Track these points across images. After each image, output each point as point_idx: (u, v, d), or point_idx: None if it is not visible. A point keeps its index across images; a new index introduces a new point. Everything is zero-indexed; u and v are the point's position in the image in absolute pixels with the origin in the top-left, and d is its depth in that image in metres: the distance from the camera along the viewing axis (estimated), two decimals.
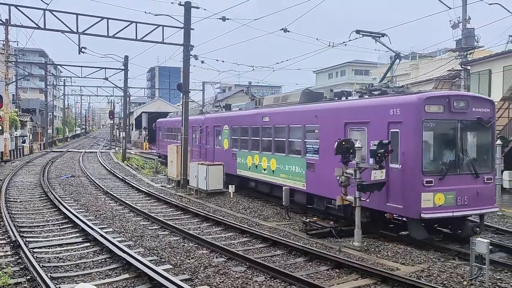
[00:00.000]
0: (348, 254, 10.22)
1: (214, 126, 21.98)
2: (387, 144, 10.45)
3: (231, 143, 19.80)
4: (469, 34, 25.33)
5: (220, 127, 21.18)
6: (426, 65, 36.76)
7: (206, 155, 22.81)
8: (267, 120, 16.75)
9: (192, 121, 23.95)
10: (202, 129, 23.49)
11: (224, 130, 20.54)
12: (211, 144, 22.11)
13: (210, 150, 22.39)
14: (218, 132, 21.34)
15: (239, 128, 19.01)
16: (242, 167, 18.73)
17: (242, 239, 11.68)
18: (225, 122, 20.61)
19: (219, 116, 22.12)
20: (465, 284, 8.15)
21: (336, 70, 68.29)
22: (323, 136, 13.58)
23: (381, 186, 10.66)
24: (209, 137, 22.59)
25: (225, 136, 20.42)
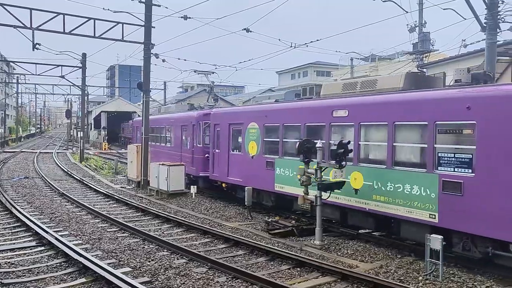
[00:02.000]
0: (309, 252, 10.33)
1: (229, 125, 16.41)
2: (347, 144, 10.63)
3: (262, 148, 14.43)
4: (425, 38, 26.26)
5: (241, 126, 15.70)
6: (385, 67, 37.86)
7: (216, 162, 17.28)
8: (342, 115, 11.59)
9: (178, 118, 21.60)
10: (196, 128, 19.37)
11: (250, 130, 15.13)
12: (224, 148, 16.56)
13: (221, 157, 16.86)
14: (237, 133, 15.96)
15: (282, 126, 13.61)
16: (286, 181, 13.25)
17: (203, 240, 11.57)
18: (252, 118, 15.10)
19: (240, 111, 16.67)
20: (420, 279, 8.42)
21: (299, 71, 69.12)
22: (487, 140, 8.51)
23: (341, 186, 10.84)
24: (220, 139, 17.03)
25: (251, 138, 15.02)
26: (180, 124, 21.17)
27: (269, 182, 13.96)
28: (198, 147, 19.18)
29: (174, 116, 22.51)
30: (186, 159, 20.07)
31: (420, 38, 26.17)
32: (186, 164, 19.43)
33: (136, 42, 21.29)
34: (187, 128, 20.27)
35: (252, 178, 14.76)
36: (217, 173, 17.19)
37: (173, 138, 22.36)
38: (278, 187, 13.69)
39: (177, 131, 21.60)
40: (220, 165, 16.88)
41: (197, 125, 19.27)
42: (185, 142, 20.69)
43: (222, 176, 16.84)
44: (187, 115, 20.89)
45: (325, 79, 56.74)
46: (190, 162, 19.58)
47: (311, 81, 61.29)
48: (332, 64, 56.15)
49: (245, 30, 19.73)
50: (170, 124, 22.89)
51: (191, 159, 19.64)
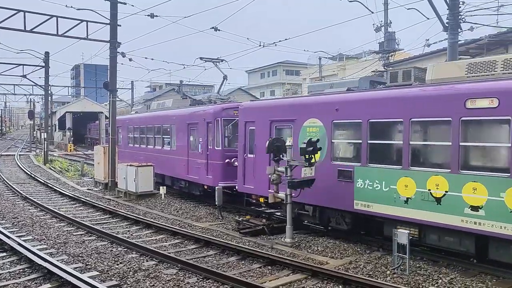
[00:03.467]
0: (280, 250, 10.37)
1: (271, 122, 12.58)
2: (316, 142, 10.72)
3: (330, 152, 10.94)
4: (390, 37, 26.92)
5: (290, 124, 11.96)
6: (352, 66, 38.51)
7: (249, 171, 13.40)
8: (487, 105, 8.17)
9: (184, 115, 17.76)
10: (213, 127, 15.39)
11: (308, 129, 11.46)
12: (263, 152, 12.02)
13: (257, 163, 12.92)
14: (284, 132, 12.25)
15: (366, 123, 10.07)
16: (375, 197, 9.85)
17: (173, 241, 11.41)
18: (311, 113, 11.42)
19: (290, 104, 12.50)
20: (388, 274, 8.59)
21: (268, 70, 69.33)
22: None
23: (311, 183, 10.92)
24: (255, 141, 13.14)
25: (321, 140, 10.90)
26: (186, 122, 17.26)
27: (343, 197, 10.42)
28: (215, 150, 15.30)
29: (176, 113, 18.66)
30: (195, 166, 16.35)
31: (385, 37, 26.81)
32: (195, 171, 16.18)
33: (102, 40, 20.78)
34: (198, 127, 16.33)
35: (312, 191, 10.76)
36: (252, 185, 13.11)
37: (173, 139, 18.59)
38: (361, 205, 10.10)
39: (180, 131, 17.75)
40: (257, 174, 12.80)
41: (214, 123, 15.32)
42: (193, 144, 16.83)
43: (259, 188, 12.72)
44: (197, 110, 16.90)
45: (294, 78, 57.25)
46: (202, 169, 15.75)
47: (280, 80, 61.74)
48: (301, 63, 56.66)
49: (213, 29, 19.60)
50: (169, 122, 18.97)
51: (204, 166, 15.67)
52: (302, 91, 47.75)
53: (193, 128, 16.95)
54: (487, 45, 19.65)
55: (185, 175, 17.33)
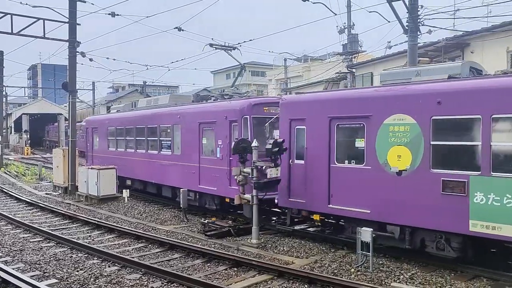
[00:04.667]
0: (246, 252, 10.32)
1: (330, 119, 10.17)
2: (282, 142, 10.75)
3: (429, 157, 8.53)
4: (353, 39, 27.44)
5: (362, 121, 9.65)
6: (317, 67, 39.04)
7: (298, 180, 10.89)
8: None
9: (195, 113, 14.70)
10: (240, 127, 12.54)
11: (391, 128, 9.09)
12: (318, 157, 10.35)
13: (310, 171, 10.62)
14: (351, 132, 10.09)
15: (489, 120, 7.88)
16: (505, 217, 7.67)
17: (137, 245, 11.13)
18: (396, 107, 9.08)
19: (361, 96, 10.16)
20: (352, 271, 8.71)
21: (234, 70, 69.19)
22: None
23: (277, 183, 10.93)
24: (308, 144, 10.72)
25: (394, 141, 9.04)
26: (197, 122, 14.18)
27: (450, 216, 8.25)
28: None
29: (182, 111, 15.41)
30: (211, 174, 13.42)
31: (349, 39, 27.30)
32: (211, 181, 13.28)
33: (60, 39, 20.03)
34: (216, 128, 13.33)
35: (399, 207, 8.89)
36: (302, 198, 10.69)
37: (176, 142, 15.45)
38: (482, 227, 7.87)
39: (188, 132, 14.63)
40: (310, 185, 10.52)
41: (241, 122, 12.40)
42: (207, 148, 13.93)
43: (315, 203, 10.43)
44: (215, 107, 14.02)
45: (259, 79, 57.44)
46: (222, 178, 12.81)
47: (246, 81, 61.77)
48: (266, 64, 56.94)
49: (177, 29, 19.32)
50: (169, 122, 15.88)
51: (226, 175, 12.64)
52: (268, 92, 47.91)
53: (208, 129, 13.86)
54: (444, 48, 20.39)
55: (195, 186, 14.03)
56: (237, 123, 12.60)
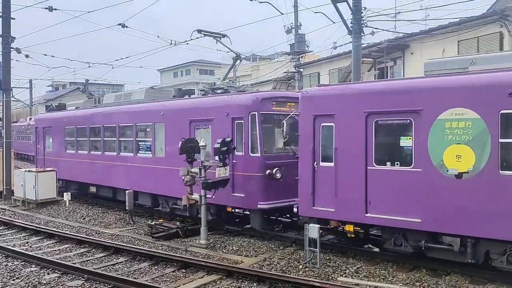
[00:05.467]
0: (195, 252, 10.16)
1: (367, 115, 8.83)
2: (230, 141, 10.67)
3: (497, 158, 7.49)
4: (300, 39, 27.89)
5: (408, 117, 8.42)
6: (265, 66, 39.30)
7: (326, 185, 9.38)
8: None
9: (185, 109, 12.84)
10: (246, 125, 10.94)
11: (448, 124, 7.92)
12: (351, 159, 9.03)
13: (340, 175, 9.22)
14: (392, 130, 8.82)
15: None
16: None
17: (79, 250, 10.64)
18: (454, 100, 7.92)
19: (404, 88, 8.78)
20: (300, 268, 8.82)
21: (181, 69, 68.22)
22: None
23: (226, 183, 10.84)
24: (337, 143, 9.30)
25: (452, 140, 7.89)
26: (188, 119, 12.35)
27: None
28: (251, 158, 10.85)
29: (166, 107, 13.55)
30: None
31: (296, 39, 27.72)
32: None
33: None
34: (214, 126, 11.72)
35: (459, 214, 7.75)
36: (331, 206, 9.28)
37: (159, 143, 13.54)
38: None
39: (175, 132, 12.63)
40: (342, 191, 9.16)
41: (247, 120, 10.90)
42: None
43: (347, 211, 9.12)
44: (213, 102, 12.21)
45: (208, 77, 56.93)
46: (228, 184, 10.91)
47: (194, 79, 61.11)
48: (215, 62, 56.62)
49: (120, 25, 18.69)
50: (150, 119, 13.85)
51: (230, 179, 10.91)
52: None
53: (202, 128, 12.17)
54: (386, 49, 21.21)
55: (185, 192, 11.70)
56: (242, 120, 10.97)
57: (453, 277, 8.13)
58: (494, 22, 17.33)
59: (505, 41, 17.07)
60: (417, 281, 8.03)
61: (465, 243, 7.84)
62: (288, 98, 11.52)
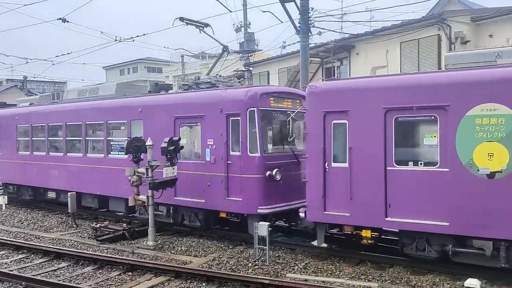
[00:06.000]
0: (142, 254, 9.90)
1: (386, 112, 8.27)
2: (177, 140, 10.47)
3: None
4: (250, 38, 27.98)
5: (438, 113, 7.86)
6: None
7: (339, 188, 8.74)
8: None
9: (169, 106, 11.69)
10: (244, 122, 10.11)
11: (478, 120, 7.50)
12: (368, 158, 8.47)
13: (355, 176, 8.60)
14: (415, 127, 8.33)
15: None
16: None
17: (17, 257, 10.03)
18: (485, 96, 7.46)
19: (452, 80, 7.86)
20: (250, 266, 8.83)
21: (128, 66, 66.36)
22: None
23: (174, 183, 10.63)
24: (352, 142, 8.71)
25: (483, 137, 7.47)
26: (172, 116, 11.31)
27: None
28: (249, 158, 9.99)
29: (146, 102, 12.40)
30: (196, 182, 10.72)
31: (245, 38, 27.77)
32: (195, 191, 10.70)
33: None
34: (204, 123, 10.75)
35: (492, 216, 7.32)
36: (347, 210, 8.60)
37: None
38: None
39: (156, 130, 11.43)
40: (357, 193, 8.52)
41: (245, 116, 10.06)
42: (188, 150, 11.27)
43: (367, 215, 8.46)
44: (204, 97, 11.12)
45: (155, 75, 55.85)
46: (217, 187, 10.33)
47: (141, 77, 59.65)
48: (163, 60, 55.57)
49: (60, 20, 17.81)
50: (126, 117, 12.57)
51: (221, 182, 10.25)
52: None
53: (189, 125, 11.26)
54: (333, 49, 21.75)
55: (168, 197, 11.03)
56: (238, 117, 10.09)
57: (395, 269, 8.47)
58: (432, 25, 18.27)
59: (443, 43, 18.04)
60: (362, 274, 8.28)
61: (497, 246, 7.40)
62: (288, 94, 10.98)
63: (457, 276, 7.86)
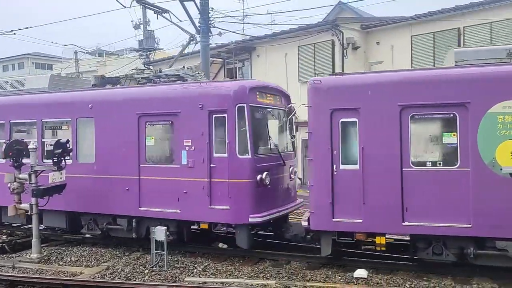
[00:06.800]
0: (25, 268, 8.99)
1: (402, 109, 7.78)
2: (66, 143, 9.67)
3: None
4: (149, 36, 27.10)
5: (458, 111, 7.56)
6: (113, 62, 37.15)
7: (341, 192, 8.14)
8: None
9: (133, 101, 10.05)
10: (231, 120, 8.94)
11: (501, 118, 7.31)
12: (381, 159, 7.91)
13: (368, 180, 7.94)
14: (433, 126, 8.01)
15: None
16: None
17: None
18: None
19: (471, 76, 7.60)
20: (147, 272, 8.49)
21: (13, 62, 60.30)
22: None
23: (62, 189, 9.78)
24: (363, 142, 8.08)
25: (506, 135, 7.30)
26: (135, 113, 9.77)
27: None
28: (239, 160, 8.87)
29: (100, 97, 10.61)
30: (169, 189, 9.35)
31: (145, 35, 26.84)
32: (167, 200, 9.31)
33: None
34: (180, 121, 9.39)
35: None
36: (359, 216, 7.95)
37: (89, 146, 10.40)
38: None
39: (113, 130, 10.03)
40: (371, 198, 7.87)
41: (233, 114, 8.92)
42: (157, 153, 9.96)
43: (382, 221, 7.85)
44: (180, 91, 9.64)
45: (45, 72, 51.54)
46: (198, 194, 9.08)
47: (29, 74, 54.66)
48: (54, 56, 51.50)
49: None
50: (73, 114, 10.60)
51: (204, 189, 9.03)
52: None
53: (159, 124, 9.97)
54: (234, 50, 21.94)
55: (131, 208, 9.72)
56: (225, 114, 8.90)
57: (292, 265, 8.74)
58: (327, 31, 19.32)
59: (336, 48, 19.17)
60: (261, 272, 8.40)
61: None
62: (271, 89, 10.04)
63: (348, 268, 8.34)
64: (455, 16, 17.27)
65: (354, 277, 7.88)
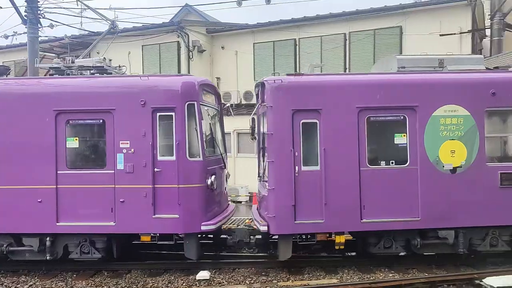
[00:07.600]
0: None
1: (359, 111, 8.09)
2: None
3: (482, 152, 8.18)
4: None
5: (407, 113, 8.14)
6: None
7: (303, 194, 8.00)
8: None
9: (47, 97, 8.26)
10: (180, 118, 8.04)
11: (441, 120, 8.12)
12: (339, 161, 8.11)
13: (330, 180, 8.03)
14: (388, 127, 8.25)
15: None
16: None
17: None
18: (448, 97, 8.21)
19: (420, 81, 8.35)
20: None
21: None
22: None
23: None
24: (325, 144, 8.09)
25: (445, 136, 8.11)
26: (52, 110, 8.16)
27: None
28: (189, 163, 8.05)
29: (8, 89, 8.46)
30: (98, 199, 8.05)
31: None
32: (97, 210, 7.98)
33: None
34: (115, 120, 8.12)
35: (454, 208, 7.92)
36: (321, 217, 7.91)
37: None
38: None
39: (22, 130, 8.16)
40: (332, 198, 7.90)
41: (182, 112, 8.05)
42: (82, 157, 8.37)
43: (343, 220, 7.95)
44: (115, 85, 8.41)
45: None
46: (140, 203, 7.96)
47: None
48: None
49: None
50: None
51: (147, 196, 7.96)
52: None
53: (85, 123, 8.38)
54: (70, 45, 20.09)
55: (45, 224, 8.08)
56: (172, 112, 8.03)
57: (133, 274, 8.27)
58: (173, 31, 19.07)
59: (182, 50, 19.06)
60: (97, 286, 7.73)
61: (457, 234, 8.17)
62: (211, 88, 9.40)
63: (191, 271, 8.23)
64: (291, 27, 18.73)
65: (196, 280, 7.79)
